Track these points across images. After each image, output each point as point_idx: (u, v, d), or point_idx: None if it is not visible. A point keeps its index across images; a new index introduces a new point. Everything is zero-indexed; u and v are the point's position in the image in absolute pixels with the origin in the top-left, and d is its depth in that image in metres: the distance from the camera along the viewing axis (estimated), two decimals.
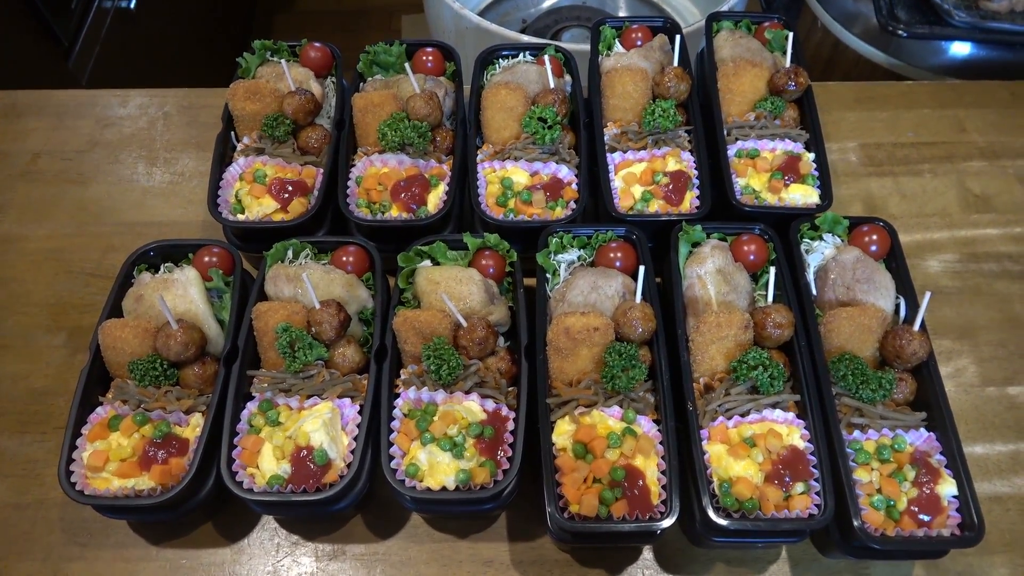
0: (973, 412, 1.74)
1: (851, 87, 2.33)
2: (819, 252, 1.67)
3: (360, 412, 1.47)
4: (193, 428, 1.48)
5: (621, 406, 1.47)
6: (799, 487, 1.38)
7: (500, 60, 2.04)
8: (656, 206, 1.75)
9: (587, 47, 2.04)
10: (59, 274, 1.94)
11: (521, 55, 2.04)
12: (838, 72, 3.03)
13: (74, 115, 2.26)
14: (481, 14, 3.27)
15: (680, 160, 1.81)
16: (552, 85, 1.89)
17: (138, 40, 3.43)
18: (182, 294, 1.57)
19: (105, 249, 1.98)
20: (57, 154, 2.17)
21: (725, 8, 2.68)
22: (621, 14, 3.44)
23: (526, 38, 2.65)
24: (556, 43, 2.06)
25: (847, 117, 2.24)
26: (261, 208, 1.73)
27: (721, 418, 1.45)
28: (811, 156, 1.82)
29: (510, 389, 1.53)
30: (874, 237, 1.66)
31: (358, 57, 2.01)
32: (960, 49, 2.75)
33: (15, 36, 2.71)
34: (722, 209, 1.76)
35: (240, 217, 1.76)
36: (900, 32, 2.66)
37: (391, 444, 1.43)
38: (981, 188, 2.11)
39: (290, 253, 1.65)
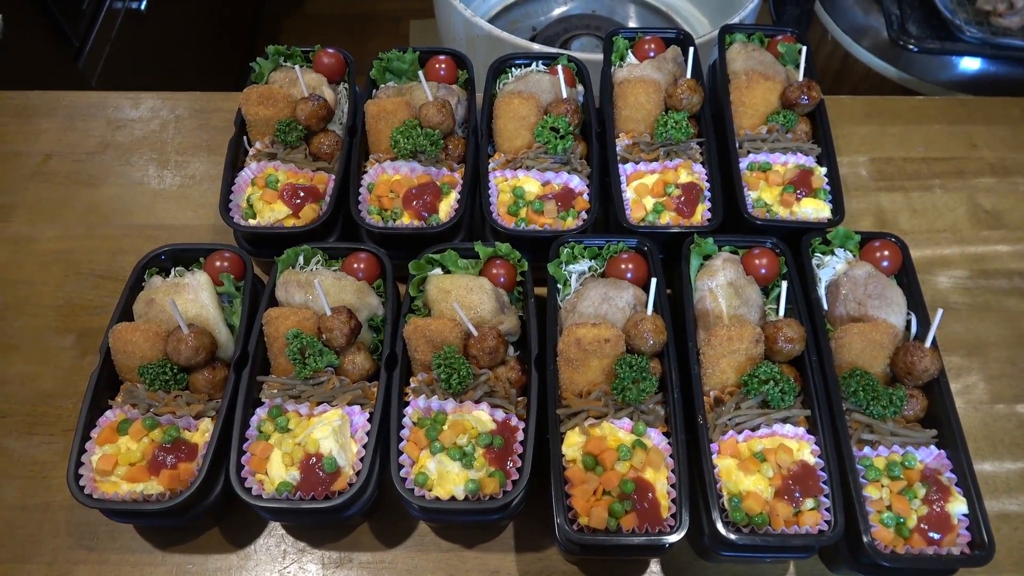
0: (982, 429, 1.74)
1: (862, 101, 2.33)
2: (830, 267, 1.67)
3: (370, 420, 1.47)
4: (202, 433, 1.48)
5: (631, 418, 1.46)
6: (809, 503, 1.38)
7: (513, 69, 2.05)
8: (667, 218, 1.75)
9: (599, 56, 2.05)
10: (68, 276, 1.94)
11: (534, 64, 2.04)
12: (847, 85, 3.04)
13: (85, 116, 2.26)
14: (491, 21, 3.27)
15: (692, 172, 1.81)
16: (565, 95, 1.89)
17: (148, 41, 3.44)
18: (193, 298, 1.57)
19: (115, 251, 1.98)
20: (68, 155, 2.17)
21: (736, 19, 2.68)
22: (631, 23, 3.45)
23: (537, 46, 2.66)
24: (569, 52, 2.06)
25: (858, 131, 2.24)
26: (273, 213, 1.73)
27: (731, 432, 1.45)
28: (823, 170, 1.82)
29: (520, 399, 1.53)
30: (886, 253, 1.66)
31: (366, 62, 2.01)
32: (970, 64, 2.75)
33: (26, 36, 2.71)
34: (733, 222, 1.76)
35: (252, 222, 1.76)
36: (911, 47, 2.66)
37: (400, 453, 1.42)
38: (992, 204, 2.11)
39: (301, 259, 1.65)
